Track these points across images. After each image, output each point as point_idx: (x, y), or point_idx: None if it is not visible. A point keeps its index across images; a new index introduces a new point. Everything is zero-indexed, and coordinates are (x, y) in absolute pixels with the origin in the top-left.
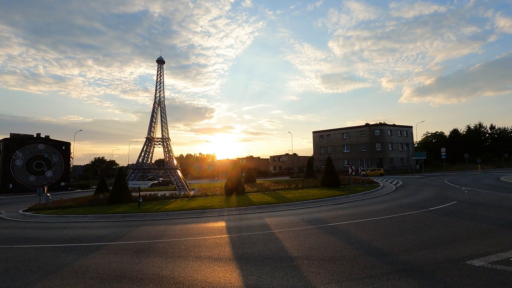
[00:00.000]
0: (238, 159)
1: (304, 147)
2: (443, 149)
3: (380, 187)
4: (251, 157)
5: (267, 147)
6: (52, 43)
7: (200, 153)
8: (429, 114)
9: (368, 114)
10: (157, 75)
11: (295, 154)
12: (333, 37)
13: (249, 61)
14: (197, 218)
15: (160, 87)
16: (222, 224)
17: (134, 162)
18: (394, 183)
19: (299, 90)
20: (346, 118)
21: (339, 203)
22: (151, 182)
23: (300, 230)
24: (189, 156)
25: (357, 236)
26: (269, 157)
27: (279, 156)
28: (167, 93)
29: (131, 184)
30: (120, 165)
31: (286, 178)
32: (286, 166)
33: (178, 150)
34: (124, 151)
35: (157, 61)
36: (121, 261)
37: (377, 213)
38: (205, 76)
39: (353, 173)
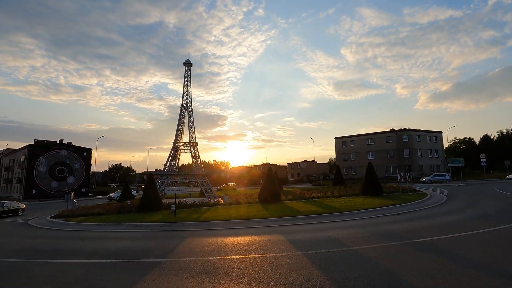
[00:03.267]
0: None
1: (317, 154)
2: (482, 155)
3: (428, 196)
4: (267, 164)
5: (279, 155)
6: (72, 54)
7: (214, 160)
8: (446, 121)
9: (383, 121)
10: (184, 78)
11: (313, 161)
12: (346, 44)
13: (261, 69)
14: (245, 229)
15: (187, 91)
16: (280, 237)
17: (153, 169)
18: (438, 191)
19: (311, 97)
20: (360, 126)
21: (399, 213)
22: (187, 189)
23: (385, 247)
24: (202, 163)
25: (468, 257)
26: (286, 164)
27: (298, 163)
28: (180, 102)
29: (167, 190)
30: (136, 172)
31: (308, 185)
32: (305, 173)
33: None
34: (139, 158)
35: (184, 63)
36: (190, 286)
37: (457, 226)
38: (218, 84)
39: (402, 180)
